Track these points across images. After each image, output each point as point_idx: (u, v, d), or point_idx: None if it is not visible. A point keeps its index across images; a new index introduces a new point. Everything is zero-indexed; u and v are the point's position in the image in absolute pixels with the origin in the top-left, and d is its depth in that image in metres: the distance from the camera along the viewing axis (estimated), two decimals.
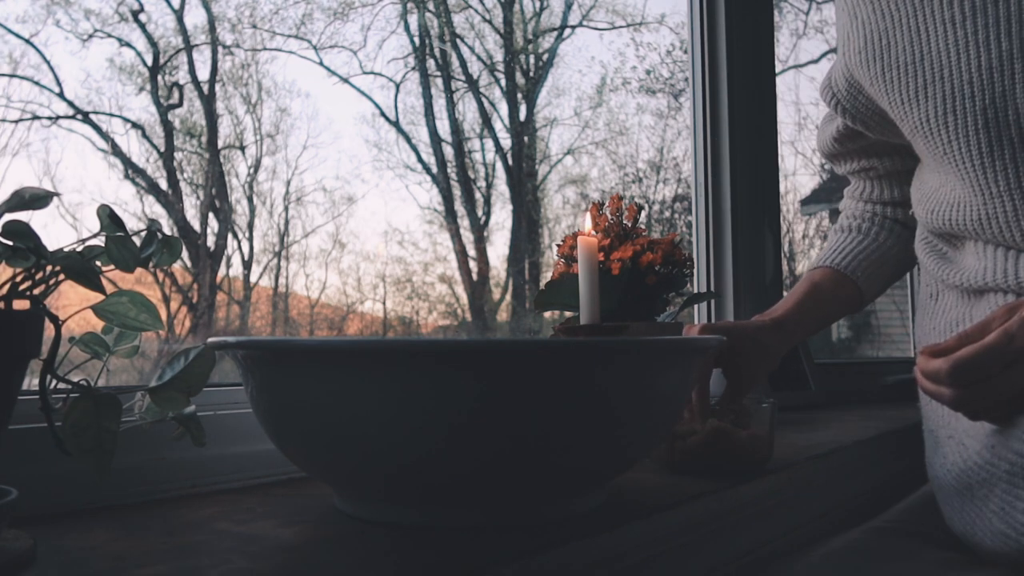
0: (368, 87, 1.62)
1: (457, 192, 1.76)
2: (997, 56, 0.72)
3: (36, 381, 0.47)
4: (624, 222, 0.95)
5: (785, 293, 1.38)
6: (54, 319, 0.46)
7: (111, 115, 1.22)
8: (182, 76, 1.33)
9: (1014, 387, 0.61)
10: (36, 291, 0.46)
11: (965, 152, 0.75)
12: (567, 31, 1.97)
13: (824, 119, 1.03)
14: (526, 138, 1.86)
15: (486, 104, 1.81)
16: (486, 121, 1.81)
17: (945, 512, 0.75)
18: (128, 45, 1.25)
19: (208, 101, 1.36)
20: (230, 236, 1.38)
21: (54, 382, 0.48)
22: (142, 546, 0.47)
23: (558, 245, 0.97)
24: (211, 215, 1.36)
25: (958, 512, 0.71)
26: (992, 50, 0.72)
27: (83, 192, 1.16)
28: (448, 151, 1.75)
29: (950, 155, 0.77)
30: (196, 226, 1.33)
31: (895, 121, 0.83)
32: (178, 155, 1.32)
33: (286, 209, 1.46)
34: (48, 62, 1.11)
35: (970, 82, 0.73)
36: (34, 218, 0.45)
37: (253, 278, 1.43)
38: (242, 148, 1.41)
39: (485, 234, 1.78)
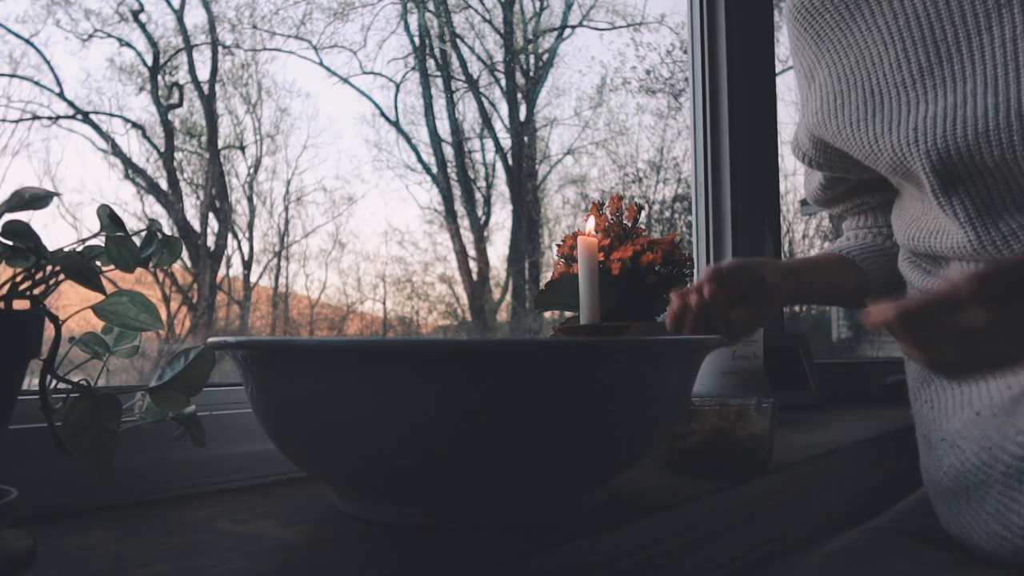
0: (368, 87, 1.62)
1: (457, 192, 1.76)
2: (943, 108, 0.75)
3: (36, 381, 0.47)
4: (624, 222, 0.95)
5: None
6: (54, 319, 0.46)
7: (111, 115, 1.22)
8: (182, 76, 1.33)
9: (965, 330, 0.58)
10: (36, 291, 0.46)
11: (924, 189, 0.78)
12: (567, 31, 1.96)
13: (807, 171, 1.05)
14: (526, 138, 1.86)
15: (486, 104, 1.81)
16: (486, 121, 1.81)
17: (941, 516, 0.75)
18: (128, 45, 1.25)
19: (208, 101, 1.36)
20: (230, 236, 1.38)
21: (54, 382, 0.48)
22: (142, 546, 0.47)
23: (558, 245, 0.97)
24: (211, 215, 1.36)
25: (954, 515, 0.71)
26: (940, 103, 0.76)
27: (83, 192, 1.16)
28: (448, 151, 1.75)
29: (913, 192, 0.80)
30: (196, 226, 1.33)
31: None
32: (178, 155, 1.32)
33: (286, 209, 1.46)
34: (48, 62, 1.11)
35: (915, 129, 0.77)
36: (34, 218, 0.45)
37: (253, 278, 1.43)
38: (242, 148, 1.41)
39: (485, 234, 1.78)
